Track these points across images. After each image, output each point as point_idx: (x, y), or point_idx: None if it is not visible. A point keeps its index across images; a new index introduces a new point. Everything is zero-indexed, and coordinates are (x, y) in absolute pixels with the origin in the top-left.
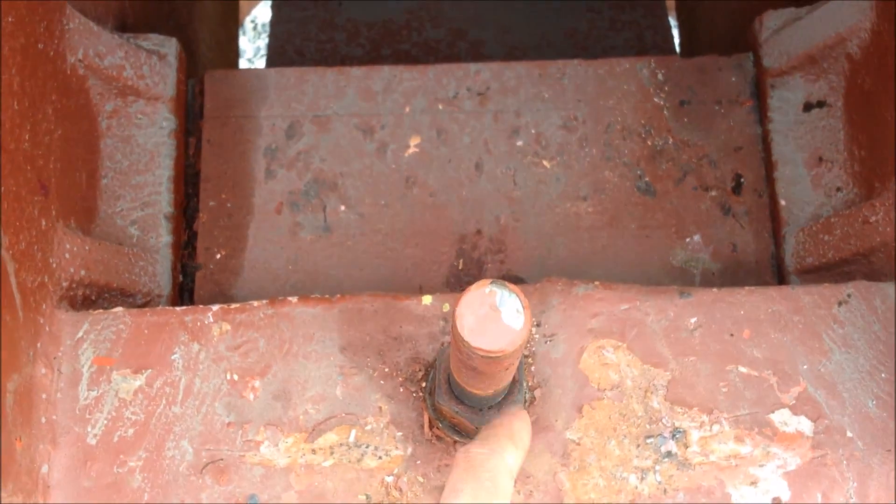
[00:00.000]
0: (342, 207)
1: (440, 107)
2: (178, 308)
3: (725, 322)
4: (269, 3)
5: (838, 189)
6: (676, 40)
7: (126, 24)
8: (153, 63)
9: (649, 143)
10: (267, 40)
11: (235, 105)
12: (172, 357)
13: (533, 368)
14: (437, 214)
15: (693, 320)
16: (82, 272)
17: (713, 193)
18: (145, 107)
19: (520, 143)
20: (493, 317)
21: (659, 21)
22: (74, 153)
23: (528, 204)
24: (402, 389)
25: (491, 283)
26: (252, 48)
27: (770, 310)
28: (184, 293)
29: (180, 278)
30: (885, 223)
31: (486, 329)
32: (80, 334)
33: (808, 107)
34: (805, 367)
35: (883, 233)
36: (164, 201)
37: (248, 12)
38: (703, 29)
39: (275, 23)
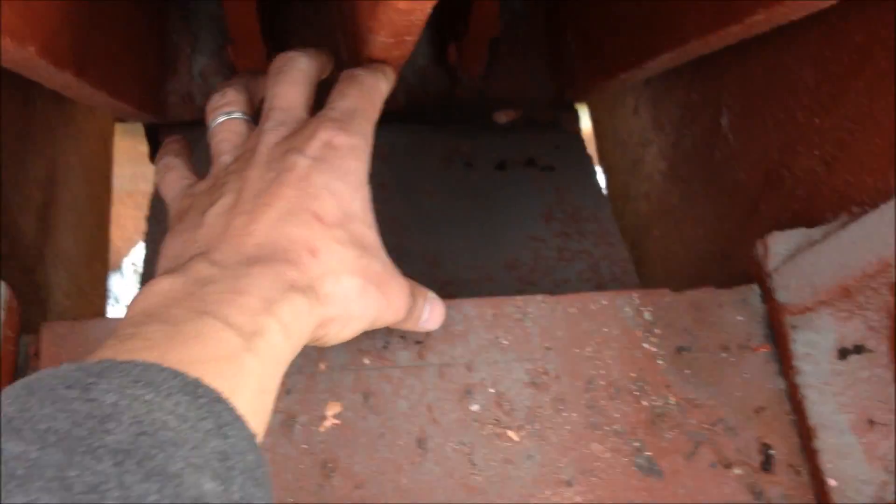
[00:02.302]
0: None
1: (366, 361)
2: None
3: None
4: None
5: None
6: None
7: None
8: None
9: (645, 403)
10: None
11: None
12: None
13: None
14: None
15: None
16: None
17: (737, 472)
18: None
19: (475, 407)
20: None
21: (614, 250)
22: None
23: (494, 493)
24: None
25: None
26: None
27: None
28: None
29: None
30: None
31: None
32: None
33: (843, 353)
34: None
35: None
36: None
37: (127, 253)
38: (656, 264)
39: (149, 261)
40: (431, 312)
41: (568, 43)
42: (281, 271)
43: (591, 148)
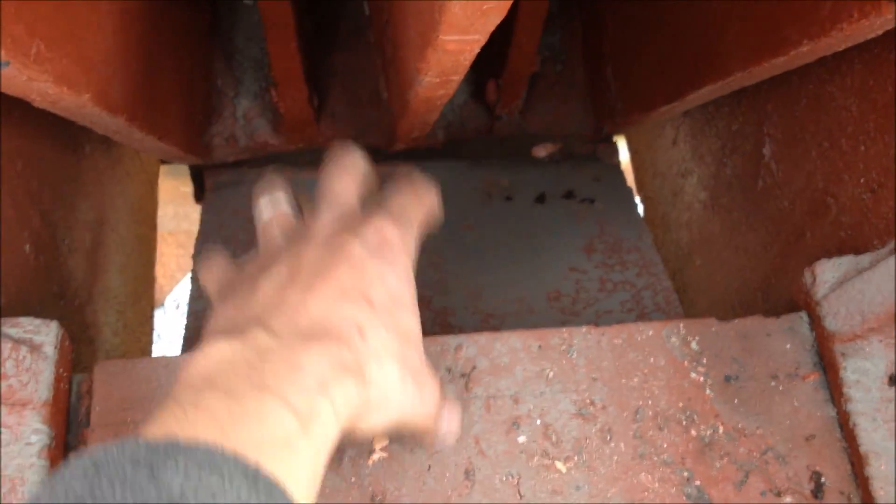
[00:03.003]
0: None
1: None
2: None
3: None
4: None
5: None
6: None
7: None
8: (21, 357)
9: (694, 433)
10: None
11: (134, 406)
12: None
13: None
14: None
15: None
16: None
17: (788, 500)
18: (7, 416)
19: (522, 438)
20: None
21: (656, 279)
22: None
23: None
24: None
25: None
26: (173, 332)
27: None
28: None
29: None
30: None
31: None
32: None
33: (893, 380)
34: None
35: None
36: None
37: (170, 290)
38: (698, 292)
39: (194, 297)
40: (450, 422)
41: (607, 77)
42: (335, 351)
43: (630, 179)
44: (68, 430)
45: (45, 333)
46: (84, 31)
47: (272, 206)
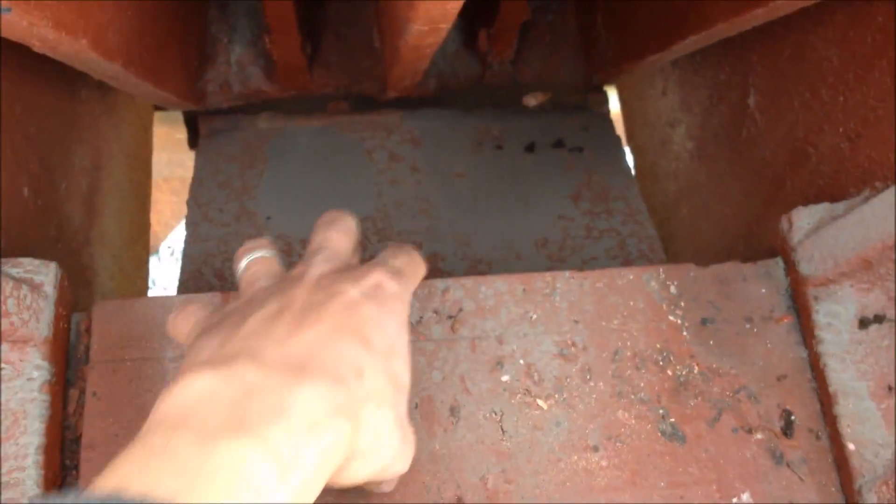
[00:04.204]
0: None
1: None
2: None
3: None
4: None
5: None
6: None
7: None
8: (22, 295)
9: (670, 372)
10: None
11: (132, 344)
12: None
13: None
14: (402, 477)
15: None
16: None
17: (759, 437)
18: (9, 352)
19: (506, 377)
20: None
21: (641, 227)
22: None
23: (523, 459)
24: None
25: None
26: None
27: None
28: None
29: None
30: None
31: None
32: None
33: (864, 322)
34: None
35: None
36: (29, 480)
37: (164, 237)
38: (684, 240)
39: (189, 242)
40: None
41: (597, 27)
42: (329, 389)
43: (620, 129)
44: (68, 366)
45: (45, 273)
46: None
47: (258, 252)
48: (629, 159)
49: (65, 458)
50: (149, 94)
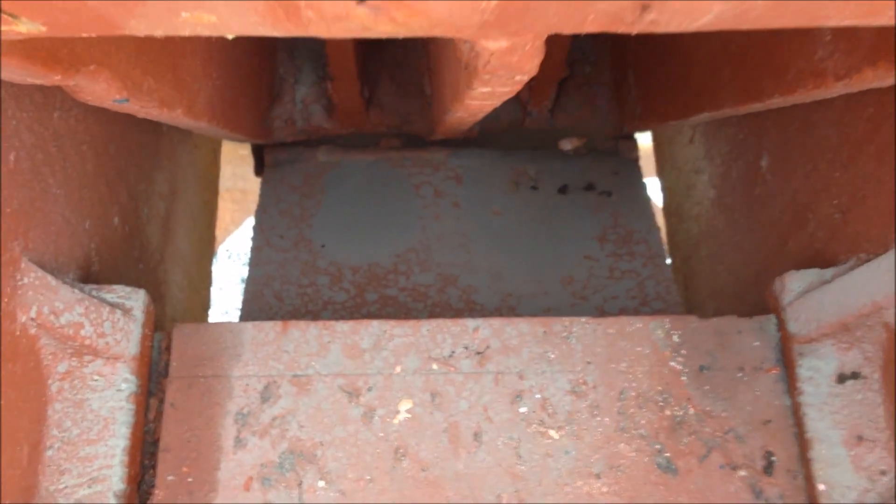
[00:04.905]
0: (321, 483)
1: (434, 367)
2: None
3: None
4: (250, 230)
5: (882, 472)
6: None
7: (90, 273)
8: (116, 318)
9: (668, 412)
10: (244, 283)
11: (205, 363)
12: None
13: None
14: (429, 493)
15: None
16: None
17: (742, 473)
18: (103, 367)
19: (523, 409)
20: None
21: (659, 270)
22: (17, 425)
23: (534, 481)
24: None
25: None
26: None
27: None
28: None
29: None
30: None
31: None
32: None
33: (841, 378)
34: None
35: None
36: (115, 476)
37: (223, 241)
38: (702, 281)
39: (253, 265)
40: None
41: (629, 82)
42: None
43: (651, 168)
44: (149, 378)
45: (135, 299)
46: (180, 59)
47: None
48: (654, 203)
49: (144, 458)
50: (225, 136)
